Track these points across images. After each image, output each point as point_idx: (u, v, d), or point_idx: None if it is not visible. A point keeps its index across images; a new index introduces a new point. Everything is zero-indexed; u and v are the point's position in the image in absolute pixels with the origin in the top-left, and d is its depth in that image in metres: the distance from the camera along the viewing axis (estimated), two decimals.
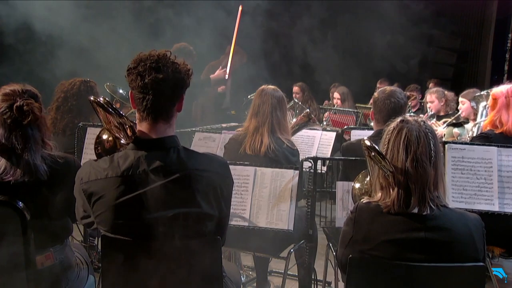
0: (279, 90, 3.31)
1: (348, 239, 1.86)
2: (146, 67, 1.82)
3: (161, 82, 1.82)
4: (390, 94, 3.09)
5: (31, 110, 2.16)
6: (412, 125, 1.84)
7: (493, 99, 3.25)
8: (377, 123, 3.15)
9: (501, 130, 3.15)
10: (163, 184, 1.80)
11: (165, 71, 1.82)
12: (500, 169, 2.90)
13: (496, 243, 3.04)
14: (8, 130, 2.16)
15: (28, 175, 2.16)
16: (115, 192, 1.79)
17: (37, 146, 2.21)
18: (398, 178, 1.80)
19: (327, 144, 4.31)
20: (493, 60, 9.30)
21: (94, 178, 1.83)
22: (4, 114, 2.15)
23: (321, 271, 3.30)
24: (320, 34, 7.68)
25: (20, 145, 2.16)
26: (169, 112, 1.89)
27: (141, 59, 1.85)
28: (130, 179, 1.80)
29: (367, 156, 2.01)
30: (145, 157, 1.83)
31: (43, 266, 2.25)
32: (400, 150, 1.81)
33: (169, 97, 1.87)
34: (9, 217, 2.12)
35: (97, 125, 3.49)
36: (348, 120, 6.22)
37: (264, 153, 3.10)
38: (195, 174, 1.85)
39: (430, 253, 1.76)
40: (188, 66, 1.92)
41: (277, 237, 2.91)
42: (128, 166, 1.81)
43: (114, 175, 1.80)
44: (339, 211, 2.89)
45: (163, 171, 1.81)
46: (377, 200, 1.86)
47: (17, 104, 2.15)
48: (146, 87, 1.82)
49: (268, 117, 3.18)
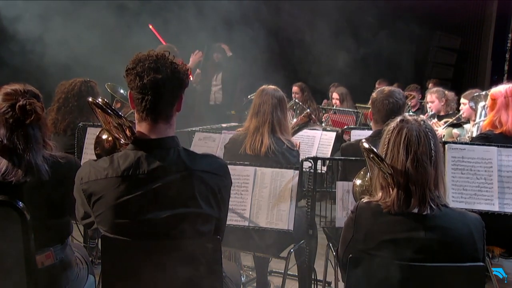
0: (279, 90, 3.31)
1: (349, 239, 1.86)
2: (144, 68, 1.81)
3: (160, 82, 1.81)
4: (388, 94, 3.08)
5: (34, 110, 2.15)
6: (412, 124, 1.83)
7: (492, 100, 3.23)
8: (375, 123, 3.14)
9: (501, 130, 3.15)
10: (163, 184, 1.80)
11: (164, 71, 1.81)
12: (500, 169, 2.90)
13: (496, 243, 3.04)
14: (10, 130, 2.15)
15: (30, 175, 2.15)
16: (115, 192, 1.79)
17: (39, 146, 2.21)
18: (398, 178, 1.80)
19: (327, 144, 4.31)
20: (493, 60, 9.29)
21: (94, 178, 1.82)
22: (5, 113, 2.14)
23: (321, 271, 3.30)
24: (319, 33, 7.68)
25: (22, 145, 2.15)
26: (168, 112, 1.88)
27: (139, 59, 1.84)
28: (130, 179, 1.79)
29: (366, 157, 2.01)
30: (145, 157, 1.82)
31: (43, 265, 2.25)
32: (400, 150, 1.81)
33: (169, 97, 1.86)
34: (9, 217, 2.12)
35: (97, 125, 3.48)
36: (348, 120, 6.22)
37: (264, 154, 3.10)
38: (195, 174, 1.84)
39: (430, 252, 1.76)
40: (187, 66, 1.91)
41: (277, 237, 2.91)
42: (128, 166, 1.81)
43: (114, 175, 1.80)
44: (339, 211, 2.89)
45: (163, 171, 1.81)
46: (377, 199, 1.86)
47: (19, 103, 2.14)
48: (145, 88, 1.81)
49: (269, 117, 3.17)
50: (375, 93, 3.17)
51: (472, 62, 9.85)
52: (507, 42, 8.87)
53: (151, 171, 1.80)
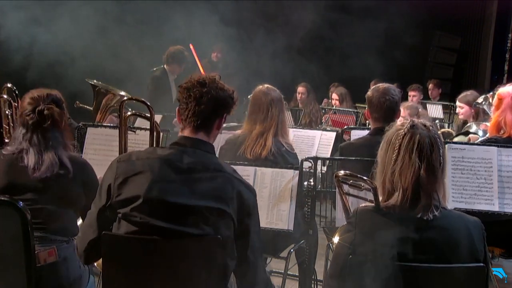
0: (277, 90, 3.27)
1: (350, 243, 1.84)
2: (193, 82, 1.98)
3: (204, 94, 1.96)
4: (384, 92, 3.08)
5: (51, 115, 2.35)
6: (422, 130, 1.82)
7: (499, 99, 3.19)
8: (375, 121, 3.14)
9: (508, 134, 3.11)
10: (198, 177, 1.89)
11: (209, 86, 1.97)
12: (500, 169, 2.90)
13: (496, 243, 3.04)
14: (30, 130, 2.36)
15: (50, 171, 2.31)
16: (152, 174, 1.87)
17: (58, 146, 2.38)
18: (408, 184, 1.79)
19: (327, 144, 4.30)
20: (493, 60, 9.29)
21: (135, 158, 1.95)
22: (27, 115, 2.36)
23: (321, 271, 3.30)
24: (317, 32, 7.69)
25: (42, 145, 2.34)
26: (209, 124, 2.01)
27: (191, 77, 2.01)
28: (169, 165, 1.90)
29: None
30: (184, 152, 1.94)
31: (45, 262, 2.27)
32: (413, 157, 1.79)
33: (210, 109, 1.98)
34: (10, 216, 2.13)
35: (97, 125, 3.49)
36: (348, 120, 6.22)
37: (265, 157, 3.06)
38: (231, 177, 1.95)
39: (431, 253, 1.76)
40: (234, 92, 2.06)
41: (277, 237, 2.91)
42: (167, 156, 1.93)
43: (156, 157, 1.92)
44: (339, 211, 2.89)
45: (201, 165, 1.92)
46: (378, 202, 1.86)
47: (39, 108, 2.35)
48: (190, 97, 1.97)
49: (275, 122, 3.13)
50: (371, 92, 3.16)
51: (472, 62, 9.85)
52: (507, 42, 8.88)
53: (190, 163, 1.91)
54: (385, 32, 7.90)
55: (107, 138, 3.29)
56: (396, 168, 1.81)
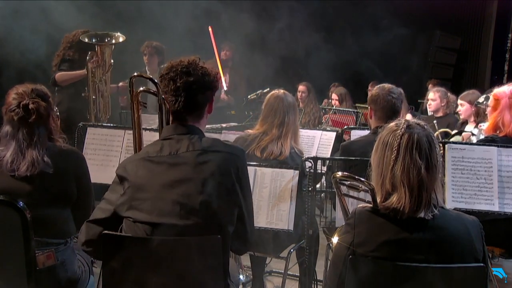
0: (291, 95, 3.33)
1: (349, 243, 1.84)
2: (177, 72, 1.96)
3: (192, 84, 1.96)
4: (390, 90, 3.11)
5: (37, 109, 2.28)
6: (418, 130, 1.82)
7: (495, 100, 3.19)
8: (378, 119, 3.13)
9: (504, 133, 3.12)
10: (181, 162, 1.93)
11: (195, 74, 1.97)
12: (500, 169, 2.90)
13: (496, 243, 3.04)
14: (15, 127, 2.29)
15: (33, 170, 2.24)
16: (143, 171, 1.91)
17: (43, 143, 2.32)
18: (410, 183, 1.78)
19: (327, 144, 4.30)
20: (493, 60, 9.29)
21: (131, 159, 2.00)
22: (12, 111, 2.29)
23: (321, 271, 3.30)
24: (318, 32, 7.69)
25: (26, 142, 2.27)
26: (199, 112, 2.04)
27: (172, 65, 2.00)
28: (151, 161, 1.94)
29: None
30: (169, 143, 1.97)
31: (44, 266, 2.26)
32: (414, 156, 1.78)
33: (200, 98, 2.01)
34: (9, 216, 2.13)
35: (97, 125, 3.49)
36: (348, 120, 6.22)
37: (281, 160, 3.11)
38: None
39: (430, 253, 1.76)
40: (216, 70, 2.07)
41: (277, 237, 2.91)
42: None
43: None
44: (339, 211, 2.89)
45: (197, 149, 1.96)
46: (378, 203, 1.85)
47: (23, 102, 2.28)
48: (178, 90, 1.96)
49: (291, 127, 3.20)
50: (375, 90, 3.17)
51: (472, 62, 9.84)
52: (507, 42, 8.87)
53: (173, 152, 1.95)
54: (385, 32, 7.90)
55: (107, 138, 3.29)
56: (396, 169, 1.80)
